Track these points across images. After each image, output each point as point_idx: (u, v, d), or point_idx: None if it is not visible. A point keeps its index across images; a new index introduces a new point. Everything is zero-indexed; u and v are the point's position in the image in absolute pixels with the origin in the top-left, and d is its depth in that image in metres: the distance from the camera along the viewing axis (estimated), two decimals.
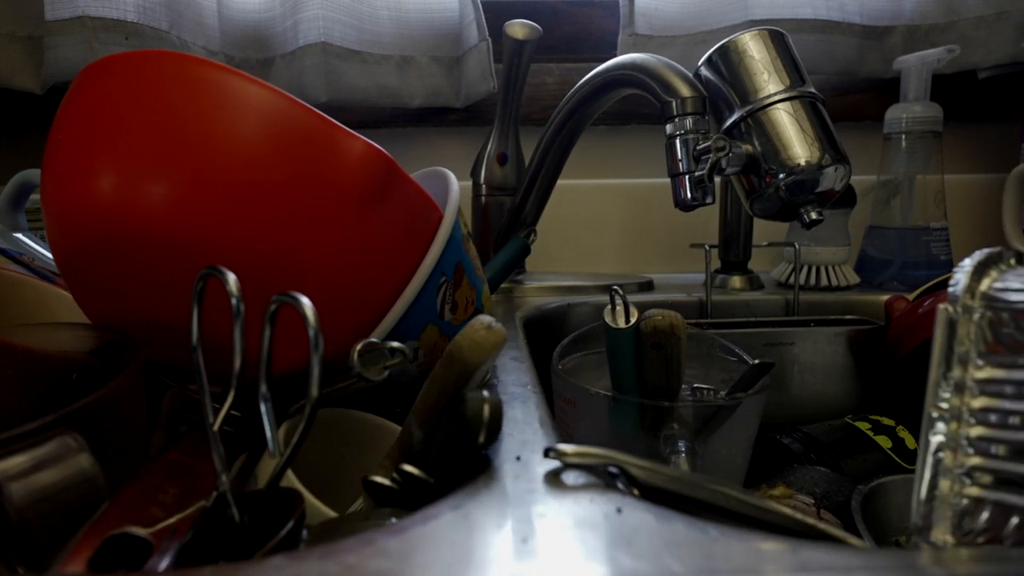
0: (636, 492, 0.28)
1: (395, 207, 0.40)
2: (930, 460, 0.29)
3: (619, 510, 0.24)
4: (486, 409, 0.29)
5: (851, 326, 0.66)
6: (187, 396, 0.45)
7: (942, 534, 0.28)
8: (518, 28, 0.63)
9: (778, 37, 0.53)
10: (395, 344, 0.35)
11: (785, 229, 0.77)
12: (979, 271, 0.30)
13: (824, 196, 0.51)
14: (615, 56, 0.62)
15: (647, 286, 0.76)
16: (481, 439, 0.29)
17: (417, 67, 0.80)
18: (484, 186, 0.72)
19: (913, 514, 0.29)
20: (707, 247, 0.70)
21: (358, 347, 0.35)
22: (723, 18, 0.78)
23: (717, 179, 0.71)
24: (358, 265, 0.40)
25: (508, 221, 0.69)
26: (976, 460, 0.28)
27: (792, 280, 0.73)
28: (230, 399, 0.30)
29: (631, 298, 0.73)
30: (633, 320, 0.45)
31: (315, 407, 0.27)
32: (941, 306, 0.30)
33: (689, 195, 0.49)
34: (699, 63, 0.55)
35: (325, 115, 0.38)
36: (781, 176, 0.50)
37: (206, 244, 0.36)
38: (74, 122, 0.38)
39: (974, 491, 0.28)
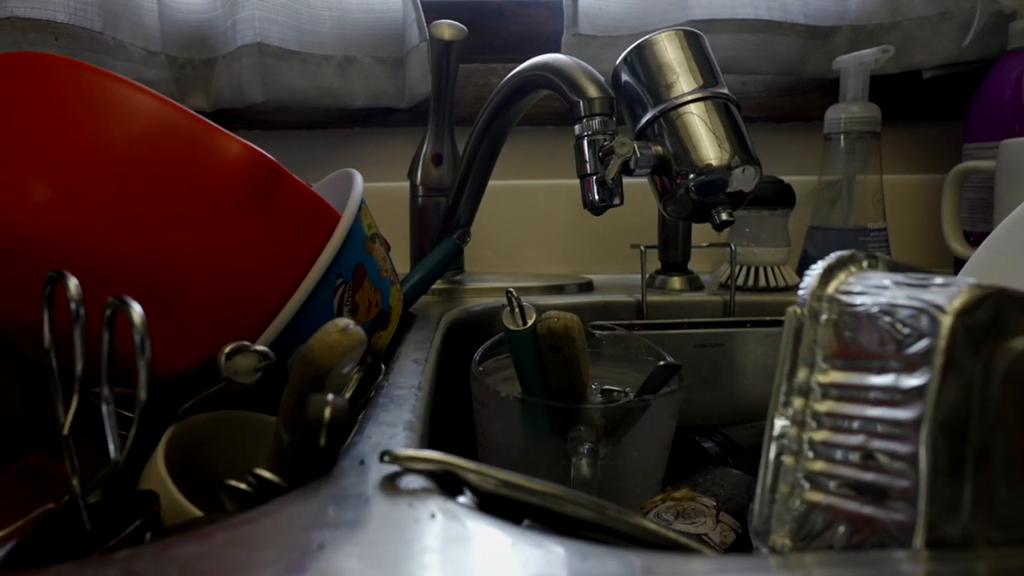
0: (476, 498, 0.28)
1: (280, 210, 0.40)
2: (771, 463, 0.29)
3: (433, 515, 0.24)
4: (327, 412, 0.29)
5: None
6: (91, 400, 0.45)
7: (781, 538, 0.28)
8: (444, 29, 0.63)
9: (693, 37, 0.53)
10: (260, 347, 0.34)
11: (727, 229, 0.77)
12: (828, 273, 0.30)
13: (736, 197, 0.50)
14: None
15: (587, 287, 0.76)
16: (322, 442, 0.29)
17: (359, 67, 0.79)
18: (421, 187, 0.72)
19: (755, 518, 0.29)
20: (642, 248, 0.70)
21: (226, 350, 0.35)
22: (664, 18, 0.77)
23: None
24: (242, 268, 0.40)
25: (443, 222, 0.69)
26: (817, 464, 0.28)
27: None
28: (75, 403, 0.30)
29: (572, 299, 0.74)
30: (530, 322, 0.45)
31: (144, 410, 0.27)
32: (789, 308, 0.30)
33: (596, 196, 0.49)
34: (616, 62, 0.54)
35: (203, 117, 0.38)
36: (691, 177, 0.49)
37: (83, 245, 0.36)
38: None
39: (812, 495, 0.27)
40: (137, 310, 0.27)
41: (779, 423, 0.29)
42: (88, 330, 0.30)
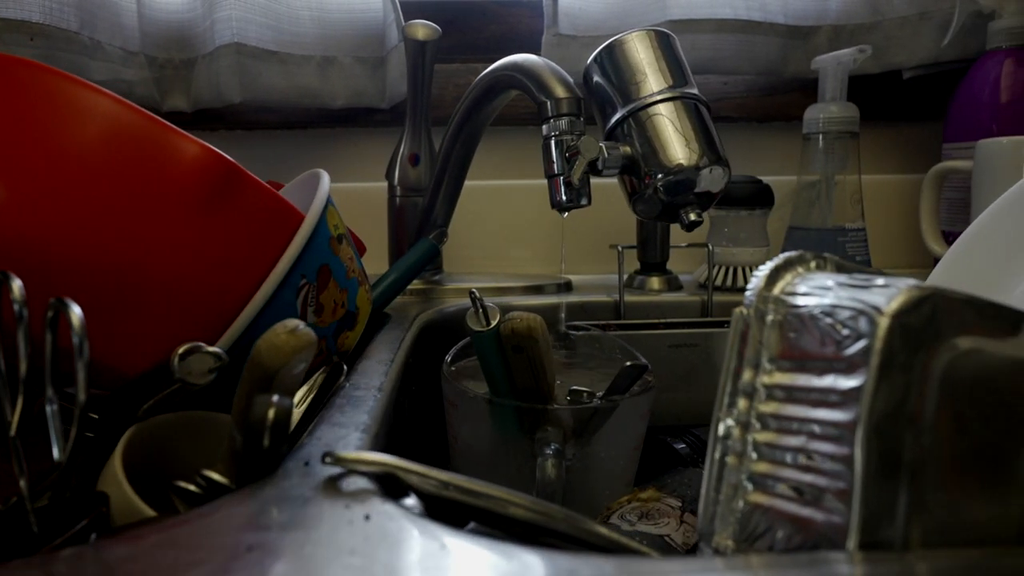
0: (422, 501, 0.28)
1: (240, 210, 0.40)
2: (716, 464, 0.29)
3: (367, 517, 0.24)
4: (270, 413, 0.29)
5: None
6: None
7: (724, 539, 0.28)
8: (418, 29, 0.63)
9: (663, 37, 0.53)
10: (212, 348, 0.34)
11: (707, 230, 0.77)
12: (775, 274, 0.30)
13: (704, 197, 0.50)
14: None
15: (566, 287, 0.76)
16: (265, 442, 0.29)
17: (340, 68, 0.79)
18: (398, 187, 0.72)
19: (700, 519, 0.29)
20: (620, 248, 0.70)
21: (179, 351, 0.35)
22: (643, 18, 0.77)
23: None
24: (203, 268, 0.40)
25: (419, 223, 0.69)
26: (760, 466, 0.28)
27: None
28: (19, 405, 0.29)
29: (550, 299, 0.74)
30: (494, 322, 0.45)
31: (84, 411, 0.27)
32: (735, 309, 0.30)
33: (564, 197, 0.49)
34: (588, 62, 0.54)
35: (160, 119, 0.38)
36: (659, 177, 0.49)
37: (42, 246, 0.36)
38: None
39: (755, 497, 0.27)
40: (76, 312, 0.27)
41: (724, 424, 0.29)
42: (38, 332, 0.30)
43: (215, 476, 0.31)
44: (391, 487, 0.28)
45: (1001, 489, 0.25)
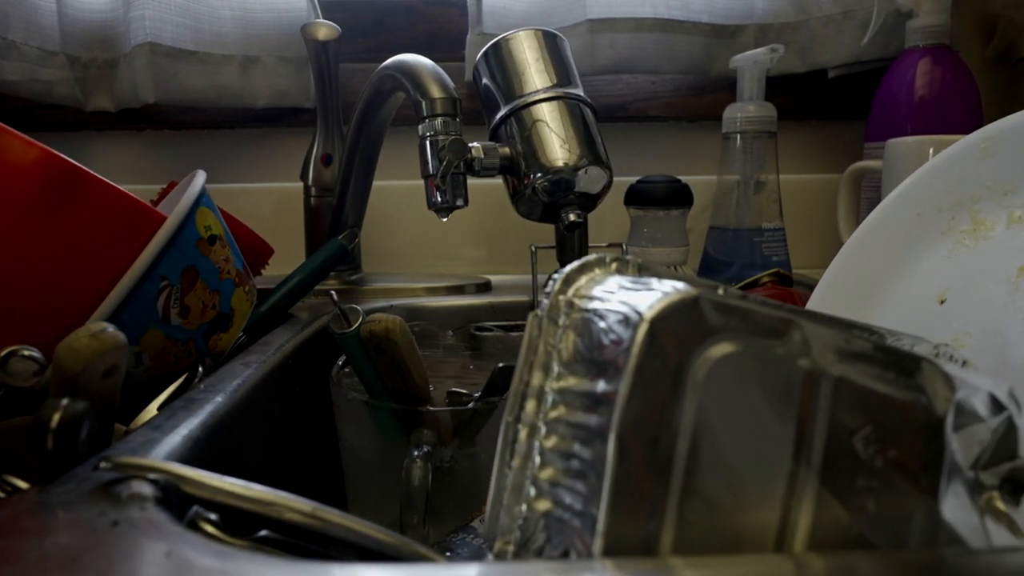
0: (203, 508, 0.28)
1: (85, 213, 0.40)
2: (503, 469, 0.28)
3: (115, 524, 0.24)
4: (55, 416, 0.28)
5: None
6: None
7: (505, 544, 0.28)
8: (319, 29, 0.63)
9: (550, 38, 0.53)
10: (27, 351, 0.34)
11: (627, 230, 0.77)
12: (571, 277, 0.30)
13: (585, 198, 0.50)
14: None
15: (485, 287, 0.75)
16: (49, 445, 0.28)
17: (262, 67, 0.79)
18: (313, 188, 0.71)
19: (487, 523, 0.28)
20: (533, 248, 0.69)
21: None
22: (564, 18, 0.77)
23: None
24: (46, 272, 0.39)
25: (331, 223, 0.69)
26: (542, 472, 0.27)
27: None
28: None
29: (470, 299, 0.73)
30: (355, 325, 0.44)
31: None
32: (530, 313, 0.30)
33: (439, 198, 0.49)
34: (476, 59, 0.54)
35: None
36: (538, 177, 0.49)
37: None
38: None
39: (535, 502, 0.27)
40: None
41: (512, 428, 0.29)
42: None
43: (16, 481, 0.30)
44: (174, 494, 0.27)
45: (760, 496, 0.25)
